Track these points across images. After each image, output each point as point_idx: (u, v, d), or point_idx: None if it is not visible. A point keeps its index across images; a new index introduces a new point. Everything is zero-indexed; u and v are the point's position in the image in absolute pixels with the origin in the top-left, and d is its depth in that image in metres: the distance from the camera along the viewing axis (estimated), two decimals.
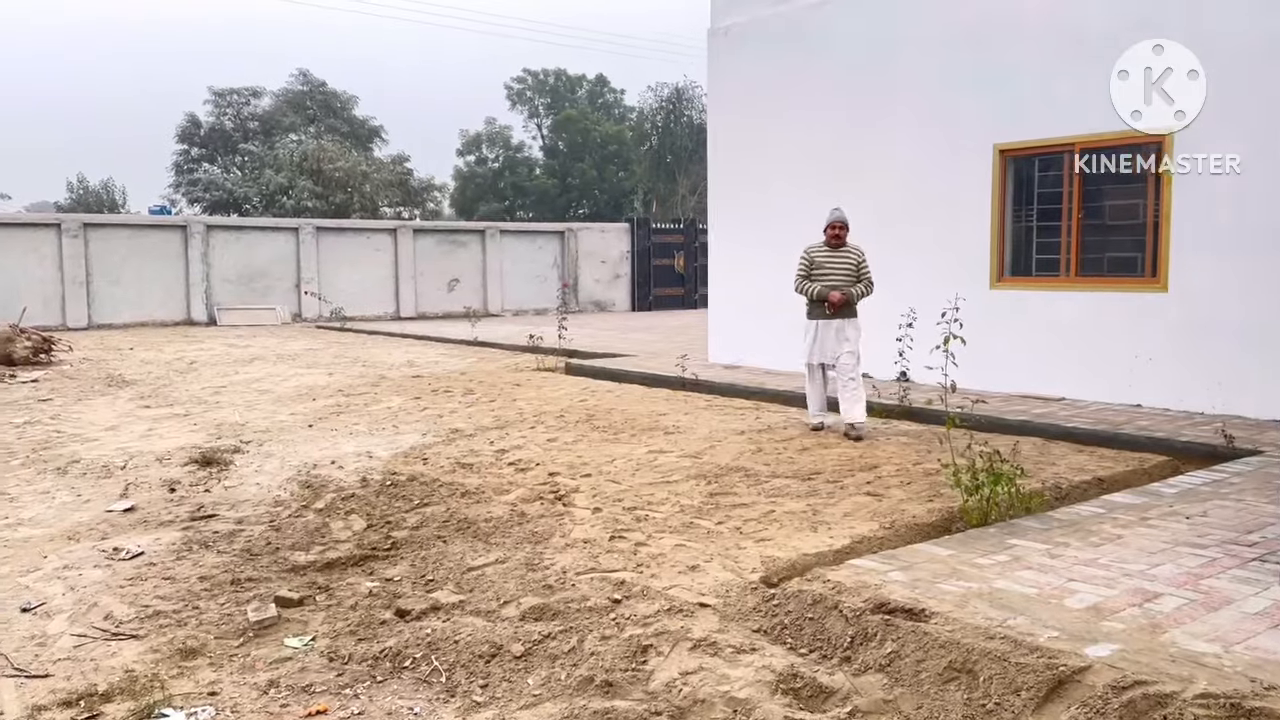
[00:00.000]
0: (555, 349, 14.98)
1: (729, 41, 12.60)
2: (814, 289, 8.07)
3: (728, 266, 12.97)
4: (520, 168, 49.94)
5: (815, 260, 8.14)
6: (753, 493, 6.15)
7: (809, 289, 8.12)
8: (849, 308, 8.07)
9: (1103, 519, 5.23)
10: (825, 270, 8.09)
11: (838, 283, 8.04)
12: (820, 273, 8.10)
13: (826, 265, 8.10)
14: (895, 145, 10.67)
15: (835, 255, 8.12)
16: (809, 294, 8.14)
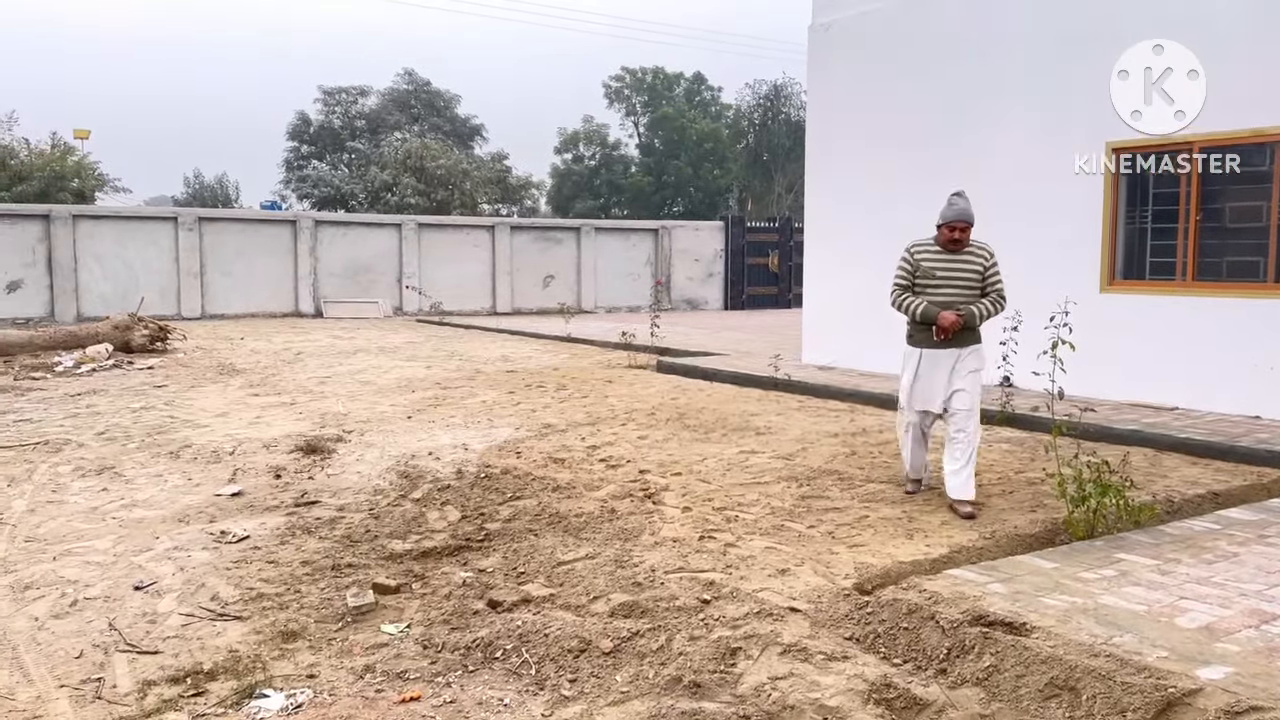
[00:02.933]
0: (647, 346, 15.01)
1: (829, 38, 12.42)
2: (918, 306, 5.80)
3: (823, 267, 12.80)
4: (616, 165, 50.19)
5: (922, 266, 5.86)
6: (846, 497, 6.06)
7: (911, 305, 5.84)
8: (969, 333, 5.83)
9: (1217, 535, 4.98)
10: (937, 281, 5.82)
11: (953, 298, 5.78)
12: (930, 284, 5.83)
13: (939, 274, 5.82)
14: (1000, 143, 10.35)
15: (953, 260, 5.84)
16: (911, 312, 5.86)
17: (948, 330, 5.75)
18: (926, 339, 5.88)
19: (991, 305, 5.88)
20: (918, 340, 5.94)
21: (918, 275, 5.89)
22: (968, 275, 5.84)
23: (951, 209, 5.84)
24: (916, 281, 5.89)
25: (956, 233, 5.81)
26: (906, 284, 5.94)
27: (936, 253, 5.89)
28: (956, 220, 5.82)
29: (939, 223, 5.89)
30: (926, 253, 5.92)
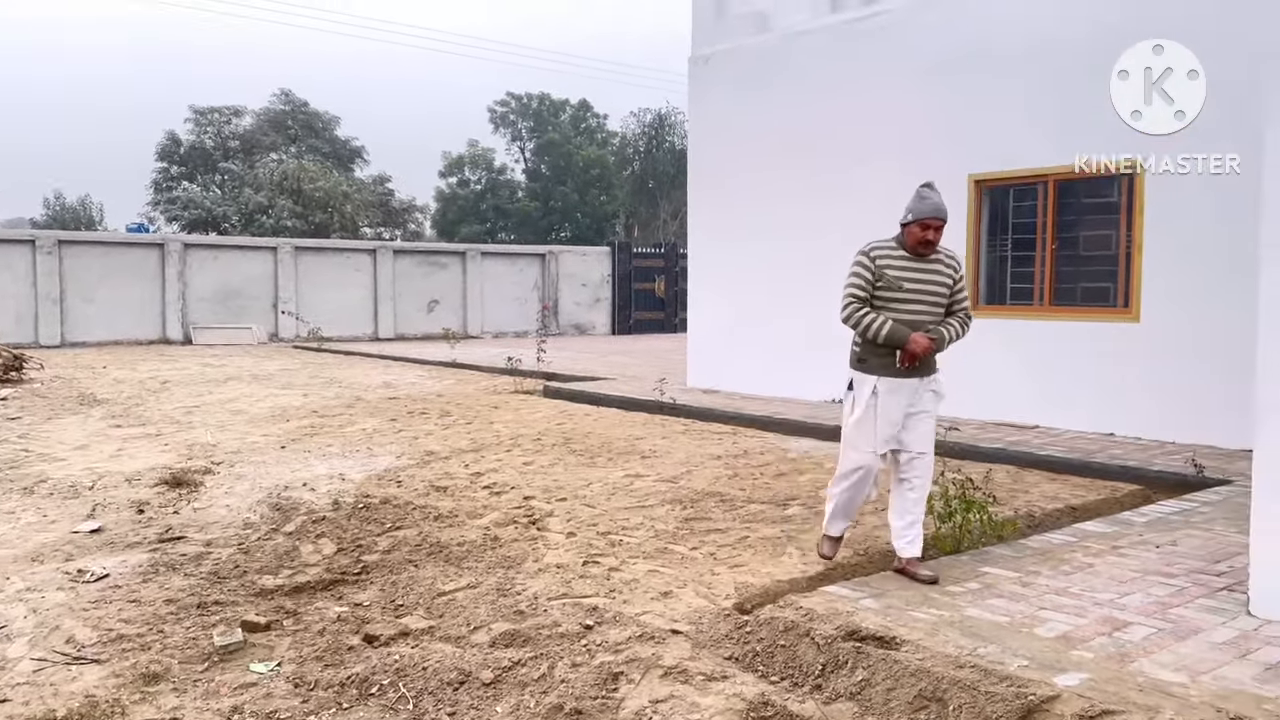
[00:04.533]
0: (534, 371, 14.95)
1: (710, 69, 12.71)
2: (882, 325, 4.61)
3: (706, 292, 13.02)
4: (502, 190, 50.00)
5: (887, 275, 4.68)
6: (728, 518, 6.15)
7: (873, 323, 4.63)
8: (931, 359, 4.78)
9: (1074, 547, 5.25)
10: (904, 294, 4.68)
11: (921, 316, 4.67)
12: (894, 297, 4.67)
13: (907, 285, 4.68)
14: (872, 173, 10.76)
15: (922, 269, 4.71)
16: (873, 331, 4.63)
17: (918, 357, 4.63)
18: (886, 365, 4.66)
19: (960, 327, 4.80)
20: (873, 366, 4.70)
21: (879, 285, 4.67)
22: (937, 288, 4.72)
23: (925, 202, 4.66)
24: (877, 293, 4.67)
25: (931, 232, 4.66)
26: (865, 295, 4.69)
27: (903, 258, 4.69)
28: (932, 216, 4.63)
29: (907, 220, 4.71)
30: (890, 258, 4.69)
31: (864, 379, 4.75)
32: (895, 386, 4.68)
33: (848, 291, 4.77)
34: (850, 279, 4.80)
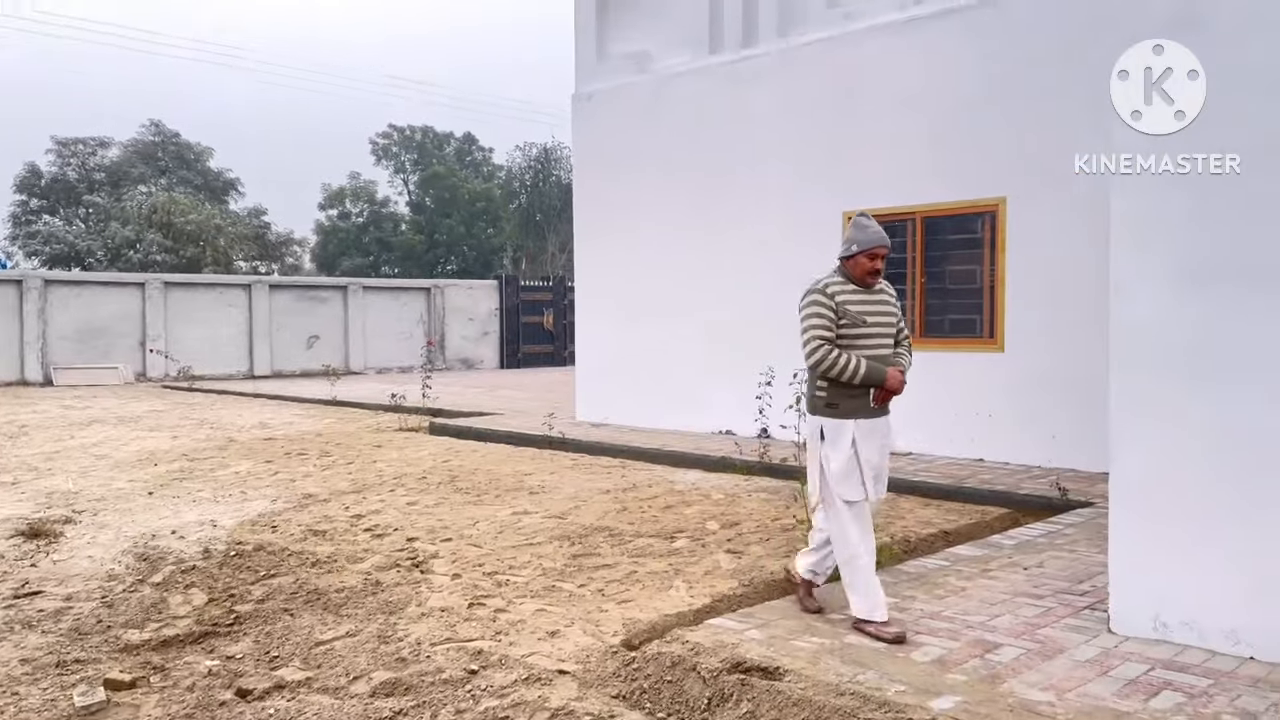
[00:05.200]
0: (419, 408, 14.69)
1: (592, 106, 12.85)
2: (859, 365, 4.37)
3: (594, 325, 13.07)
4: (386, 223, 49.20)
5: (849, 311, 4.44)
6: (616, 553, 6.15)
7: (850, 364, 4.37)
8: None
9: (947, 571, 5.44)
10: (867, 328, 4.47)
11: (883, 349, 4.51)
12: (858, 333, 4.45)
13: (869, 319, 4.48)
14: (753, 210, 11.03)
15: (873, 301, 4.53)
16: (850, 372, 4.37)
17: (896, 393, 4.46)
18: (861, 407, 4.43)
19: (910, 355, 4.69)
20: (847, 410, 4.43)
21: (843, 323, 4.43)
22: (889, 319, 4.57)
23: (869, 231, 4.46)
24: (842, 331, 4.43)
25: (879, 261, 4.48)
26: (831, 335, 4.42)
27: (855, 292, 4.49)
28: (878, 245, 4.45)
29: (850, 252, 4.48)
30: (845, 293, 4.47)
31: (840, 425, 4.44)
32: (871, 428, 4.47)
33: (813, 335, 4.41)
34: (810, 320, 4.43)
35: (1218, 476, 4.04)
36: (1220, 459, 4.03)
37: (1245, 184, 3.97)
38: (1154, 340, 4.21)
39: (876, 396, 4.46)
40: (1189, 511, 4.12)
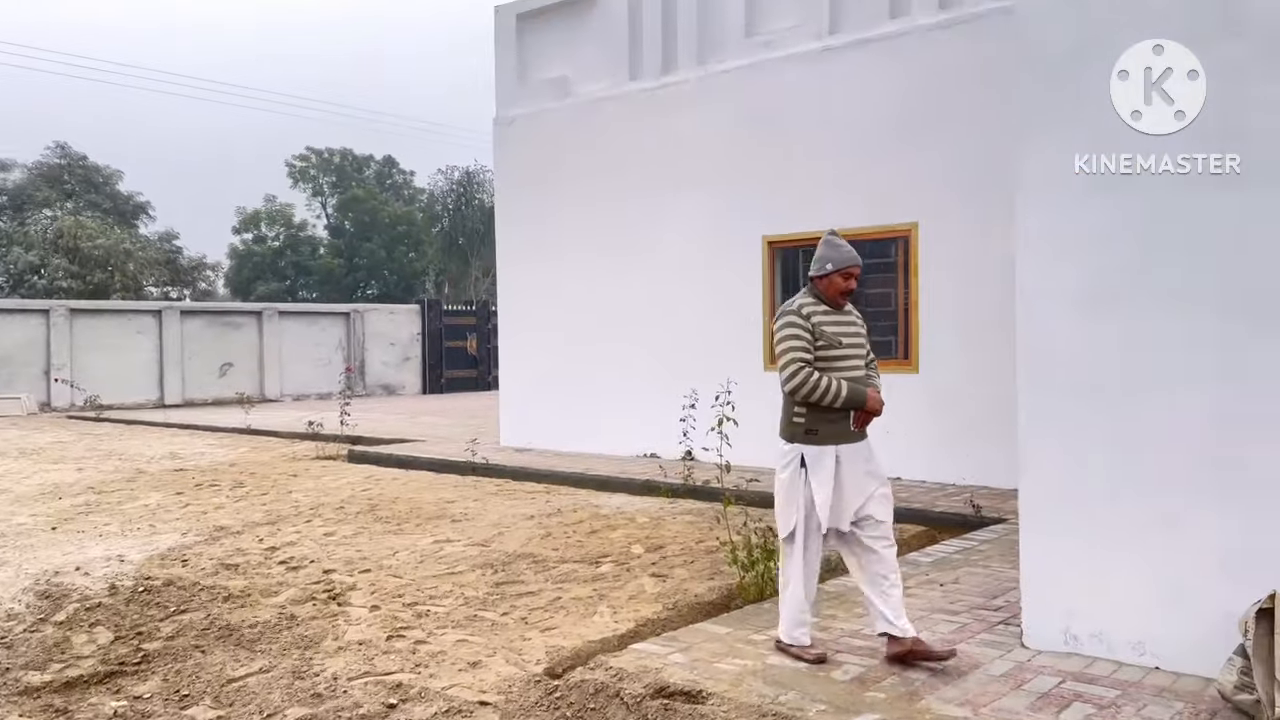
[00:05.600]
0: (338, 435, 14.38)
1: (514, 131, 12.84)
2: (840, 387, 4.21)
3: (517, 349, 13.00)
4: (303, 247, 48.27)
5: (825, 332, 4.28)
6: (540, 580, 6.09)
7: (829, 387, 4.20)
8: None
9: None
10: (843, 349, 4.33)
11: (859, 371, 4.39)
12: (836, 354, 4.30)
13: (845, 340, 4.34)
14: (675, 234, 11.13)
15: (845, 321, 4.40)
16: (831, 395, 4.21)
17: (876, 414, 4.34)
18: (841, 431, 4.28)
19: (879, 378, 4.59)
20: (827, 435, 4.26)
21: (820, 344, 4.26)
22: (860, 339, 4.45)
23: (841, 250, 4.35)
24: (819, 353, 4.26)
25: (852, 281, 4.35)
26: (811, 357, 4.24)
27: (828, 313, 4.33)
28: (851, 265, 4.33)
29: (825, 271, 4.33)
30: (819, 314, 4.31)
31: (819, 454, 4.24)
32: (852, 453, 4.30)
33: (791, 356, 4.22)
34: (788, 342, 4.25)
35: (1122, 491, 4.18)
36: (1124, 474, 4.18)
37: (1146, 207, 4.15)
38: (1059, 358, 4.36)
39: (857, 419, 4.28)
40: (1095, 526, 4.25)
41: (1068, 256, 4.34)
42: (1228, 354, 3.96)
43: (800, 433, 4.29)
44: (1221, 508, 3.97)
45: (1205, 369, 4.01)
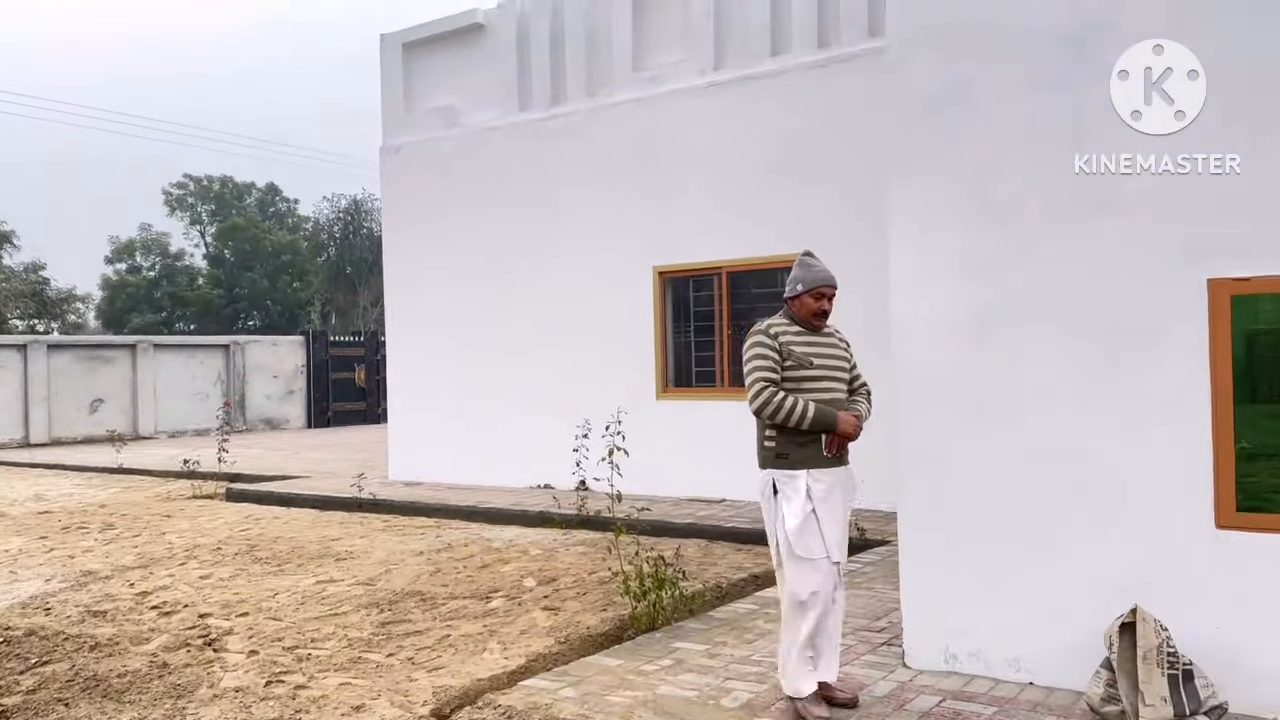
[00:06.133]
0: (216, 473, 13.83)
1: (401, 159, 12.69)
2: (806, 408, 4.00)
3: (406, 380, 12.76)
4: (180, 277, 46.50)
5: (794, 353, 4.08)
6: (428, 618, 5.96)
7: (795, 407, 4.00)
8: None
9: (756, 615, 5.58)
10: (815, 371, 4.11)
11: (834, 395, 4.15)
12: (805, 376, 4.09)
13: (817, 361, 4.13)
14: (567, 263, 11.14)
15: (821, 344, 4.19)
16: (797, 415, 4.01)
17: (850, 439, 4.13)
18: (813, 455, 4.06)
19: (869, 403, 4.34)
20: (798, 460, 4.06)
21: (788, 365, 4.07)
22: (841, 363, 4.23)
23: (814, 270, 4.18)
24: (787, 374, 4.06)
25: (826, 301, 4.18)
26: (777, 377, 4.05)
27: (800, 334, 4.15)
28: (825, 284, 4.15)
29: (795, 292, 4.17)
30: (789, 334, 4.12)
31: (792, 477, 4.04)
32: (829, 479, 4.08)
33: (756, 376, 4.05)
34: (754, 362, 4.08)
35: (996, 513, 4.35)
36: (999, 497, 4.35)
37: (1015, 240, 4.35)
38: (935, 385, 4.52)
39: (829, 443, 4.05)
40: (971, 547, 4.41)
41: (941, 286, 4.52)
42: (1097, 378, 4.17)
43: (770, 457, 4.13)
44: (1090, 528, 4.16)
45: (1075, 394, 4.21)
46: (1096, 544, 4.14)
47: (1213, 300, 3.93)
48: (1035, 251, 4.30)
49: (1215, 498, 3.92)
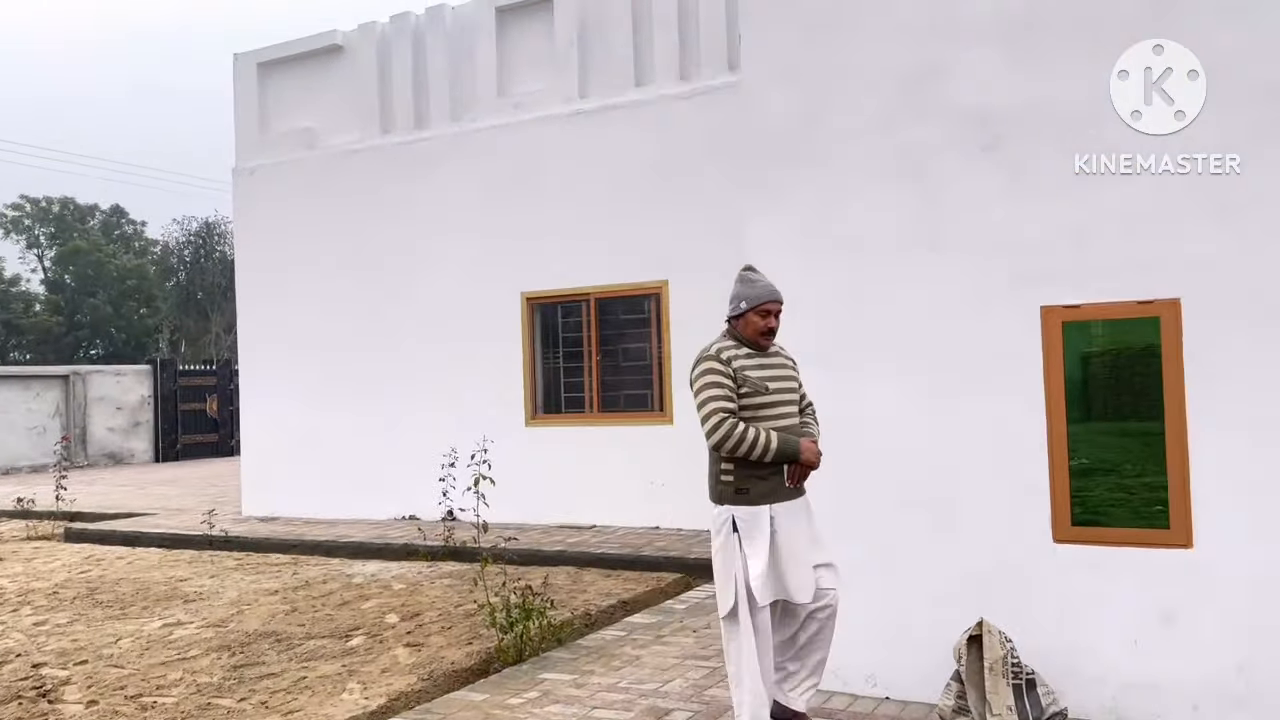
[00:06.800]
0: (53, 512, 12.92)
1: (255, 182, 12.26)
2: (769, 438, 3.68)
3: (261, 411, 12.25)
4: (15, 303, 43.50)
5: (746, 377, 3.76)
6: (283, 659, 5.72)
7: (758, 438, 3.67)
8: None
9: (624, 641, 5.58)
10: (770, 396, 3.80)
11: (790, 420, 3.85)
12: (762, 402, 3.77)
13: (772, 385, 3.81)
14: (431, 289, 10.96)
15: (771, 365, 3.87)
16: (760, 447, 3.67)
17: (814, 468, 3.81)
18: (775, 488, 3.74)
19: (817, 425, 4.03)
20: (759, 494, 3.72)
21: (743, 391, 3.73)
22: (790, 384, 3.91)
23: (758, 286, 3.88)
24: (743, 401, 3.73)
25: (773, 319, 3.86)
26: (734, 407, 3.71)
27: (750, 356, 3.82)
28: (771, 299, 3.85)
29: (739, 310, 3.87)
30: (740, 357, 3.79)
31: (754, 514, 3.68)
32: (791, 513, 3.75)
33: (712, 407, 3.68)
34: (708, 391, 3.71)
35: (847, 532, 4.47)
36: (848, 516, 4.48)
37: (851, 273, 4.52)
38: None
39: (791, 474, 3.74)
40: None
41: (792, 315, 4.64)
42: (937, 404, 4.36)
43: (730, 493, 3.73)
44: (934, 545, 4.34)
45: (914, 419, 4.39)
46: (941, 561, 4.32)
47: (1045, 327, 4.18)
48: (876, 284, 4.49)
49: (1052, 513, 4.15)
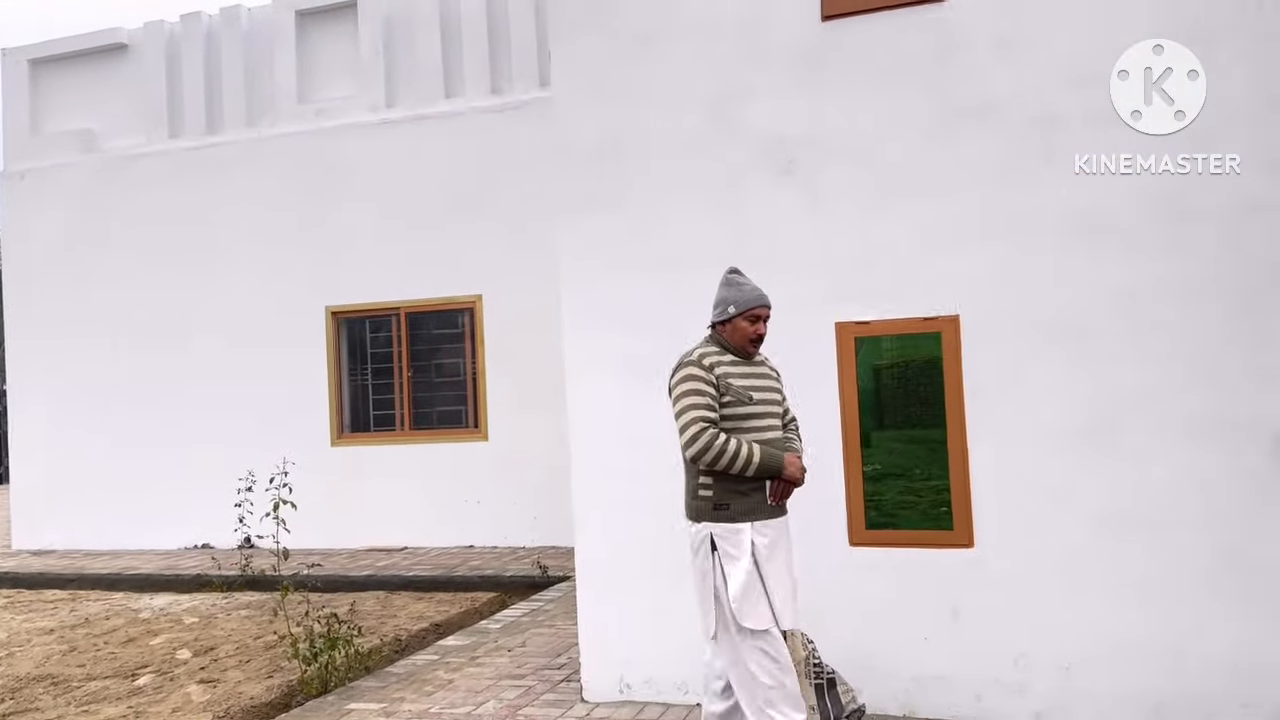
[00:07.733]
0: None
1: (28, 187, 11.24)
2: (751, 451, 3.40)
3: (34, 433, 11.20)
4: None
5: (730, 385, 3.48)
6: (60, 704, 5.26)
7: (739, 451, 3.39)
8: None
9: (436, 665, 5.45)
10: (754, 406, 3.52)
11: (775, 433, 3.57)
12: (746, 413, 3.50)
13: (757, 395, 3.54)
14: (228, 303, 10.38)
15: (754, 373, 3.59)
16: (742, 461, 3.40)
17: (798, 484, 3.53)
18: (757, 505, 3.46)
19: (801, 440, 3.77)
20: (740, 511, 3.44)
21: (726, 401, 3.46)
22: (775, 394, 3.64)
23: (745, 289, 3.61)
24: (726, 411, 3.46)
25: (762, 324, 3.59)
26: (715, 417, 3.44)
27: (736, 363, 3.55)
28: (761, 304, 3.59)
29: (727, 315, 3.58)
30: (725, 365, 3.52)
31: (735, 532, 3.40)
32: (773, 532, 3.46)
33: (692, 415, 3.39)
34: (687, 399, 3.43)
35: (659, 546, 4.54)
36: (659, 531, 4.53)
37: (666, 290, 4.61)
38: (601, 424, 4.68)
39: (774, 491, 3.47)
40: (639, 580, 4.58)
41: (609, 331, 4.70)
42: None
43: (708, 509, 3.45)
44: None
45: None
46: None
47: (840, 342, 4.40)
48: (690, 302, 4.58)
49: (848, 517, 4.37)
